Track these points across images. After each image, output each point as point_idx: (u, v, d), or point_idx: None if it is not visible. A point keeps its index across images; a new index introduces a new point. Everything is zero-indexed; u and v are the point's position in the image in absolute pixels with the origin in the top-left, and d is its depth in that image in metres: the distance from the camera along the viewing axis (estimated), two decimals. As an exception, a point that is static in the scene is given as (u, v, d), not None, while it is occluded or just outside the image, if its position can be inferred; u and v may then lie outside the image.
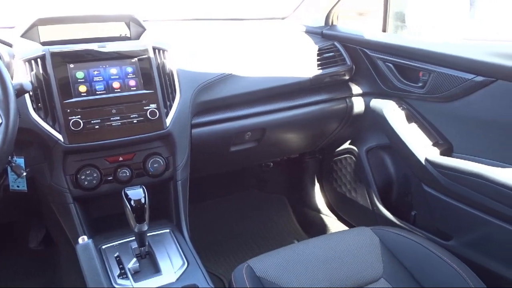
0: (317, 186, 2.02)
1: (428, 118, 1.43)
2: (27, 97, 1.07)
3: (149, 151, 1.21)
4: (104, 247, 1.14)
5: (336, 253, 1.11)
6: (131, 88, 1.16)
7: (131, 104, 1.15)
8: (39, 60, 1.10)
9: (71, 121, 1.08)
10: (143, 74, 1.18)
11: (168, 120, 1.19)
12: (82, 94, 1.11)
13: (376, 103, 1.55)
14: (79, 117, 1.09)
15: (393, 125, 1.47)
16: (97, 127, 1.11)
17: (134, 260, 1.09)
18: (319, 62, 1.54)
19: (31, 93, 1.07)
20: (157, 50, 1.23)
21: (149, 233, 1.15)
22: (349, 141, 1.75)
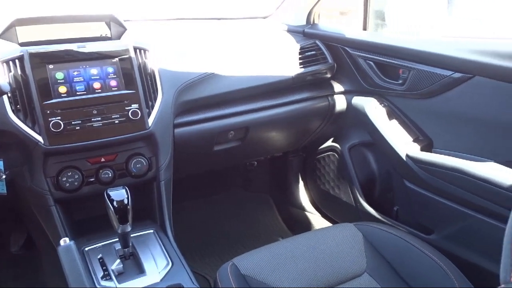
0: (301, 184, 2.03)
1: (408, 114, 1.45)
2: (5, 98, 1.05)
3: (131, 151, 1.20)
4: (87, 249, 1.13)
5: (320, 249, 1.12)
6: (112, 89, 1.15)
7: (112, 104, 1.14)
8: (17, 61, 1.08)
9: (51, 123, 1.06)
10: (124, 74, 1.17)
11: (150, 120, 1.19)
12: (62, 95, 1.09)
13: (358, 100, 1.57)
14: (59, 118, 1.07)
15: (374, 122, 1.49)
16: (78, 128, 1.09)
17: (118, 261, 1.08)
18: (301, 61, 1.55)
19: (9, 94, 1.06)
20: (138, 50, 1.22)
21: (132, 234, 1.14)
22: (331, 139, 1.76)
